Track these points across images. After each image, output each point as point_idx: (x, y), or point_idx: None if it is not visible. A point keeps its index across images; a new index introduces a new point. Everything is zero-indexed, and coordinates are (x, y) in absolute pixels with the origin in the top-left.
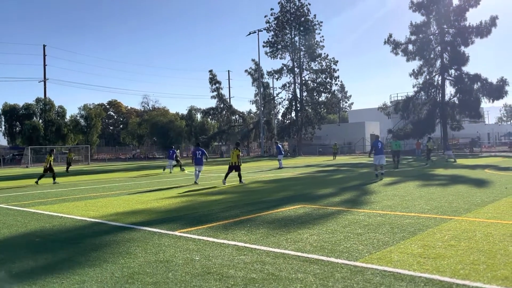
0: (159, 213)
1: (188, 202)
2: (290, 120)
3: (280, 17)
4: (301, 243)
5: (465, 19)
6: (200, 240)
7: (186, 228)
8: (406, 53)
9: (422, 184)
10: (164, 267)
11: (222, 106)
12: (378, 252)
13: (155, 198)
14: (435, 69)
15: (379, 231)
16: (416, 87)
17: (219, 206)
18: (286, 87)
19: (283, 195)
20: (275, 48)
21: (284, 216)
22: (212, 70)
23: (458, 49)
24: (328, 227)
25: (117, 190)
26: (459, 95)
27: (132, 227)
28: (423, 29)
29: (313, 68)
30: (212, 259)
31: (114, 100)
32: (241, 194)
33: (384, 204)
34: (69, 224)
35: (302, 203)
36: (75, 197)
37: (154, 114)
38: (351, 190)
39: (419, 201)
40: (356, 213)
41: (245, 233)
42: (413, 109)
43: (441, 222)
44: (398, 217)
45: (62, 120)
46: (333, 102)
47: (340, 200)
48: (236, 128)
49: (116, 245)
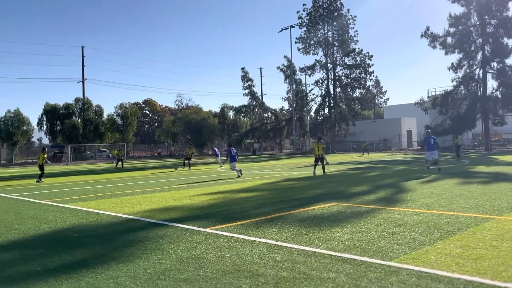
0: (192, 210)
1: (220, 199)
2: (323, 117)
3: (312, 12)
4: (334, 242)
5: (507, 9)
6: (231, 238)
7: (218, 225)
8: (444, 46)
9: (461, 181)
10: (195, 264)
11: (254, 104)
12: (414, 252)
13: (188, 195)
14: (475, 62)
15: (415, 230)
16: (455, 81)
17: (251, 203)
18: (319, 83)
19: (316, 192)
20: (308, 44)
21: (316, 214)
22: (244, 67)
23: (500, 40)
24: (362, 226)
25: (151, 187)
26: (502, 89)
27: (165, 223)
28: (463, 21)
29: (346, 63)
30: (242, 257)
31: (149, 99)
32: (273, 192)
33: (420, 202)
34: (105, 220)
35: (335, 201)
36: (111, 194)
37: (188, 112)
38: (386, 188)
39: (458, 199)
40: (391, 211)
41: (276, 231)
42: (452, 104)
43: (482, 221)
44: (435, 216)
45: (100, 119)
46: (368, 97)
47: (374, 198)
48: (268, 125)
49: (149, 241)
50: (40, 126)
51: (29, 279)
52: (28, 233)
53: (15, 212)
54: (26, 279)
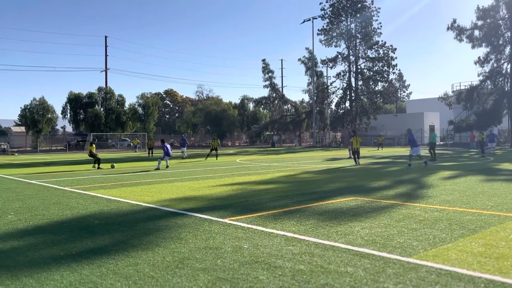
0: (210, 200)
1: (238, 191)
2: (344, 110)
3: (335, 4)
4: (352, 236)
5: None
6: (249, 229)
7: (236, 216)
8: (471, 40)
9: (485, 179)
10: (213, 253)
11: (274, 96)
12: (434, 249)
13: (206, 185)
14: (503, 56)
15: (436, 227)
16: (481, 75)
17: (269, 195)
18: (341, 75)
19: (335, 186)
20: (330, 36)
21: (335, 208)
22: (265, 59)
23: None
24: (381, 221)
25: (171, 177)
26: None
27: (184, 213)
28: (491, 14)
29: (369, 56)
30: (260, 248)
31: (170, 89)
32: (291, 184)
33: (442, 198)
34: (125, 208)
35: (354, 195)
36: (132, 182)
37: (208, 103)
38: (407, 183)
39: (481, 196)
40: (412, 207)
41: (294, 224)
42: (478, 99)
43: (505, 220)
44: (457, 213)
45: (122, 108)
46: (390, 91)
47: (394, 193)
48: (288, 117)
49: (168, 230)
50: (64, 115)
51: (52, 263)
52: (52, 219)
53: (40, 198)
54: (49, 264)
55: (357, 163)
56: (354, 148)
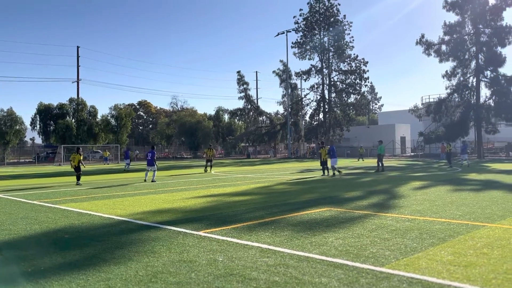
0: (185, 212)
1: (213, 203)
2: (317, 122)
3: (309, 18)
4: (326, 247)
5: (501, 18)
6: (224, 241)
7: (211, 228)
8: (439, 54)
9: (453, 189)
10: (187, 267)
11: (249, 107)
12: (405, 258)
13: (181, 197)
14: (469, 70)
15: (407, 236)
16: (449, 88)
17: (244, 207)
18: (314, 88)
19: (309, 197)
20: (304, 49)
21: (310, 219)
22: (240, 71)
23: (494, 49)
24: (354, 231)
25: (145, 189)
26: (495, 98)
27: (158, 226)
28: (457, 29)
29: (342, 69)
30: (235, 261)
31: (144, 100)
32: (266, 196)
33: (413, 208)
34: (97, 222)
35: (328, 206)
36: (104, 195)
37: (183, 115)
38: (379, 194)
39: (450, 206)
40: (384, 217)
41: (269, 235)
42: (446, 112)
43: (473, 228)
44: (427, 223)
45: (94, 119)
46: (362, 103)
47: (367, 204)
48: (263, 129)
49: (141, 243)
50: (33, 126)
51: (19, 280)
52: (19, 234)
53: (6, 212)
54: (16, 281)
55: (324, 174)
56: (323, 159)
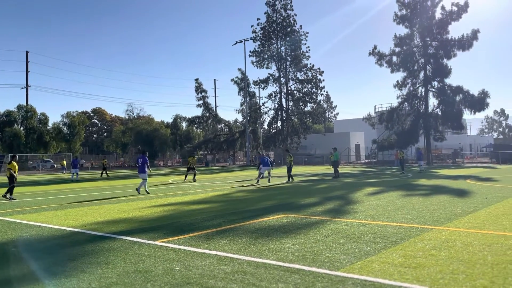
0: (140, 222)
1: (170, 211)
2: (276, 130)
3: (266, 27)
4: (283, 253)
5: (447, 32)
6: (181, 250)
7: (167, 237)
8: (390, 65)
9: (404, 194)
10: (143, 277)
11: (207, 115)
12: (359, 262)
13: (137, 207)
14: (418, 81)
15: (361, 240)
16: (400, 98)
17: (202, 215)
18: (272, 96)
19: (267, 204)
20: (261, 58)
21: (267, 226)
22: (198, 78)
23: (440, 61)
24: (311, 237)
25: (99, 199)
26: (442, 107)
27: (112, 236)
28: (407, 41)
29: (298, 78)
30: (192, 269)
31: (98, 108)
32: (225, 204)
33: (367, 213)
34: (47, 233)
35: (286, 212)
36: (55, 206)
37: (139, 122)
38: (335, 200)
39: (402, 211)
40: (339, 222)
41: (227, 243)
42: (397, 120)
43: (422, 231)
44: (380, 227)
45: (44, 127)
46: (319, 112)
47: (323, 210)
48: (221, 137)
49: (95, 255)
50: None
51: None
52: None
53: None
54: None
55: (289, 180)
56: (288, 165)
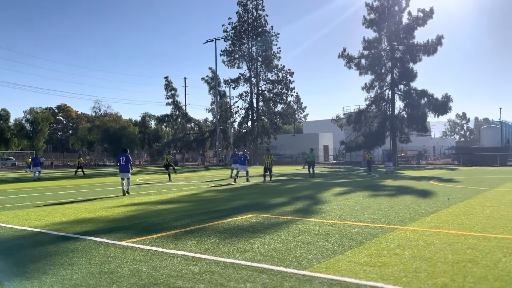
0: (107, 222)
1: (138, 211)
2: (246, 129)
3: (237, 27)
4: (252, 253)
5: (413, 37)
6: (148, 250)
7: (134, 238)
8: (359, 67)
9: (371, 194)
10: (108, 278)
11: (177, 114)
12: (326, 261)
13: (103, 206)
14: (385, 84)
15: (329, 240)
16: (368, 100)
17: (170, 215)
18: (243, 96)
19: (237, 204)
20: (232, 57)
21: (236, 226)
22: (167, 76)
23: (407, 65)
24: (279, 236)
25: (63, 198)
26: (408, 110)
27: (77, 237)
28: (375, 45)
29: (269, 79)
30: (159, 270)
31: (64, 104)
32: (194, 203)
33: (334, 213)
34: (7, 234)
35: (255, 212)
36: (17, 205)
37: (106, 120)
38: (304, 200)
39: (368, 211)
40: (307, 222)
41: (195, 243)
42: (365, 122)
43: (387, 231)
44: (347, 227)
45: (5, 123)
46: (289, 112)
47: (292, 210)
48: (191, 136)
49: (58, 256)
50: None
51: None
52: None
53: None
54: None
55: (265, 180)
56: (266, 164)
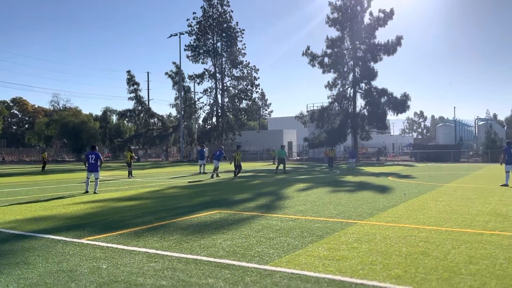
0: (65, 219)
1: (98, 208)
2: (211, 126)
3: (202, 22)
4: (214, 249)
5: (374, 37)
6: (108, 248)
7: (94, 235)
8: (322, 66)
9: (332, 190)
10: (67, 276)
11: (140, 109)
12: (287, 256)
13: (61, 204)
14: (347, 82)
15: (290, 235)
16: (330, 98)
17: (132, 212)
18: (208, 92)
19: (200, 200)
20: (197, 53)
21: (199, 222)
22: (130, 70)
23: (368, 64)
24: (242, 232)
25: (18, 196)
26: (368, 108)
27: (33, 235)
28: (338, 44)
29: (234, 75)
30: (120, 267)
31: (19, 97)
32: (156, 200)
33: (296, 209)
34: None
35: (218, 208)
36: None
37: (65, 114)
38: (267, 196)
39: (328, 206)
40: (270, 218)
41: (157, 240)
42: (327, 119)
43: (346, 226)
44: (308, 222)
45: None
46: (254, 109)
47: (255, 205)
48: (154, 131)
49: (13, 255)
50: None
51: None
52: None
53: None
54: None
55: (236, 176)
56: (237, 162)
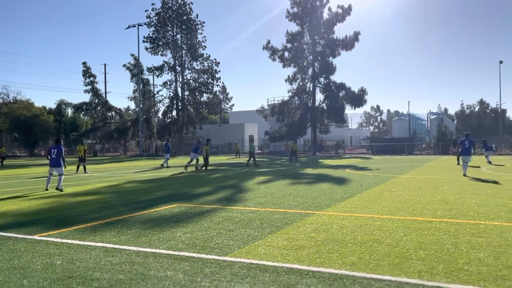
0: (16, 216)
1: (52, 204)
2: (171, 119)
3: (161, 13)
4: (174, 242)
5: (333, 32)
6: (63, 244)
7: (48, 231)
8: (282, 60)
9: (291, 182)
10: (18, 274)
11: (96, 101)
12: (247, 247)
13: (12, 200)
14: (307, 77)
15: (250, 226)
16: (290, 92)
17: (89, 207)
18: (167, 85)
19: (159, 194)
20: (156, 45)
21: (159, 216)
22: (86, 62)
23: (327, 59)
24: (202, 225)
25: None
26: (327, 102)
27: None
28: (298, 38)
29: (195, 68)
30: (76, 263)
31: None
32: (114, 195)
33: (256, 201)
34: None
35: (178, 202)
36: None
37: (16, 107)
38: (227, 189)
39: (288, 198)
40: (230, 210)
41: (115, 234)
42: (288, 113)
43: (305, 216)
44: (268, 213)
45: None
46: (215, 102)
47: (216, 198)
48: (112, 125)
49: None
50: None
51: None
52: None
53: None
54: None
55: (206, 169)
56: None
